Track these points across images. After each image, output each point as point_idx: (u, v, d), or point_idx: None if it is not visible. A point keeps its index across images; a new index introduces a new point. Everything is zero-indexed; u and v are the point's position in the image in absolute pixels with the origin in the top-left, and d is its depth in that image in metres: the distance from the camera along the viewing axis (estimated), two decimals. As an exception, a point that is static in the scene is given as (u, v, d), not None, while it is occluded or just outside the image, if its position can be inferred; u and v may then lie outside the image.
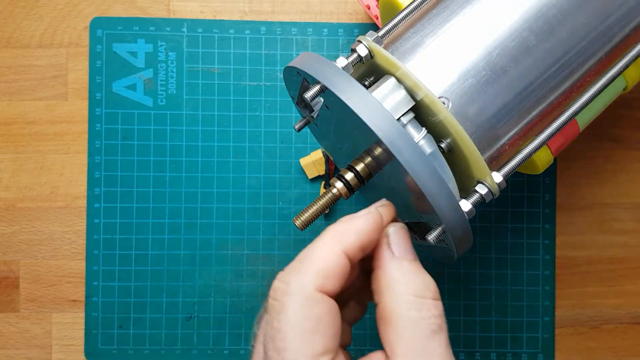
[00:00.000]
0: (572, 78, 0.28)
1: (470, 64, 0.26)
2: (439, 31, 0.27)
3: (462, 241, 0.26)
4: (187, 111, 0.41)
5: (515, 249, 0.41)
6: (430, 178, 0.23)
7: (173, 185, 0.41)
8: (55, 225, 0.41)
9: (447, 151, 0.26)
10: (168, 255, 0.41)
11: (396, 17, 0.29)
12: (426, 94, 0.25)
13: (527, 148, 0.27)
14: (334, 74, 0.25)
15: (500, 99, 0.26)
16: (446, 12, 0.27)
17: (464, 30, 0.27)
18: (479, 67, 0.26)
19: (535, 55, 0.26)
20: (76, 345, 0.41)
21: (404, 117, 0.26)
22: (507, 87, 0.26)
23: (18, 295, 0.41)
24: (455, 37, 0.27)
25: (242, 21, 0.41)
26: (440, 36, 0.27)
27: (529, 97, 0.27)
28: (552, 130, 0.28)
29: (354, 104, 0.24)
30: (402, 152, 0.23)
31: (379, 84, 0.26)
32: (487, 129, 0.26)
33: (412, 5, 0.29)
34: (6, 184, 0.41)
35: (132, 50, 0.41)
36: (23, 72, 0.41)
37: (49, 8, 0.41)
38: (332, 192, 0.28)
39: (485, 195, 0.26)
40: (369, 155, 0.27)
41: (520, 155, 0.27)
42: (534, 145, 0.27)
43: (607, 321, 0.42)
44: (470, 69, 0.26)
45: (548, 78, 0.27)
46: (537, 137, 0.27)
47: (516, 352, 0.41)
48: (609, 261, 0.42)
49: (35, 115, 0.41)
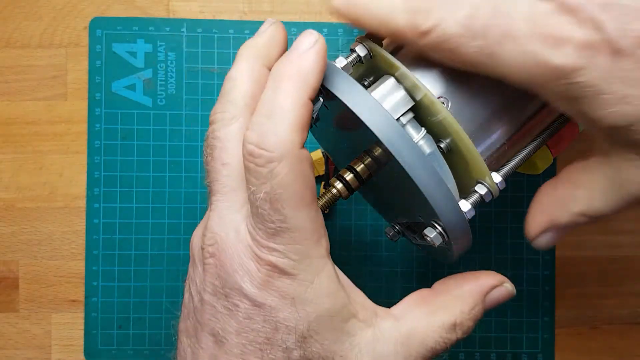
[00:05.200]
0: None
1: None
2: None
3: (461, 241, 0.26)
4: (186, 111, 0.41)
5: (515, 249, 0.41)
6: (429, 178, 0.23)
7: (173, 185, 0.41)
8: (55, 225, 0.41)
9: (446, 151, 0.26)
10: (168, 255, 0.41)
11: None
12: (425, 94, 0.25)
13: (527, 148, 0.27)
14: (333, 74, 0.25)
15: (499, 99, 0.26)
16: None
17: None
18: None
19: None
20: (76, 346, 0.41)
21: (403, 117, 0.26)
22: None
23: (17, 295, 0.41)
24: None
25: (241, 21, 0.41)
26: None
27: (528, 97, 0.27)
28: (552, 131, 0.28)
29: (354, 104, 0.24)
30: (401, 152, 0.23)
31: (378, 84, 0.26)
32: (486, 129, 0.26)
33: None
34: (5, 184, 0.41)
35: (132, 50, 0.41)
36: (22, 72, 0.41)
37: (48, 8, 0.41)
38: (331, 192, 0.28)
39: (485, 195, 0.26)
40: (369, 155, 0.27)
41: (520, 156, 0.27)
42: (533, 145, 0.27)
43: (607, 321, 0.42)
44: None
45: None
46: (537, 138, 0.27)
47: (516, 352, 0.41)
48: (609, 261, 0.42)
49: (34, 115, 0.41)
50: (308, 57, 0.24)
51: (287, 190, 0.23)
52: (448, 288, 0.28)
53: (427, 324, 0.26)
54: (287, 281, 0.24)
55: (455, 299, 0.27)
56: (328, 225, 0.26)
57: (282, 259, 0.24)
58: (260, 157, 0.23)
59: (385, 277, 0.41)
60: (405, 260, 0.41)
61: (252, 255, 0.24)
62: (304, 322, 0.24)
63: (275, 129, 0.23)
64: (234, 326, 0.24)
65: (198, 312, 0.25)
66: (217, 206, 0.26)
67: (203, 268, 0.25)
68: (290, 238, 0.24)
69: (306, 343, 0.24)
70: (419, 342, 0.26)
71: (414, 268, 0.41)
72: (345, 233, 0.41)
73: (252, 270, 0.24)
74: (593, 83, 0.22)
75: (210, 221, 0.26)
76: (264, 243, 0.24)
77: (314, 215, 0.24)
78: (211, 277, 0.25)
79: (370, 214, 0.41)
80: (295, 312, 0.24)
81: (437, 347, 0.26)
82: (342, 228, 0.41)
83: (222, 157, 0.26)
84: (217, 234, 0.25)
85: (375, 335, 0.26)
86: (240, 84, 0.27)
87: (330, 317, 0.24)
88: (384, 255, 0.41)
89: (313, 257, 0.24)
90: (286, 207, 0.23)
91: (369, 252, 0.41)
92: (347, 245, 0.41)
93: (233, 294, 0.24)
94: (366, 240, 0.41)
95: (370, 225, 0.41)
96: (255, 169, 0.23)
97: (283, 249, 0.24)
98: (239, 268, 0.24)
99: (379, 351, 0.25)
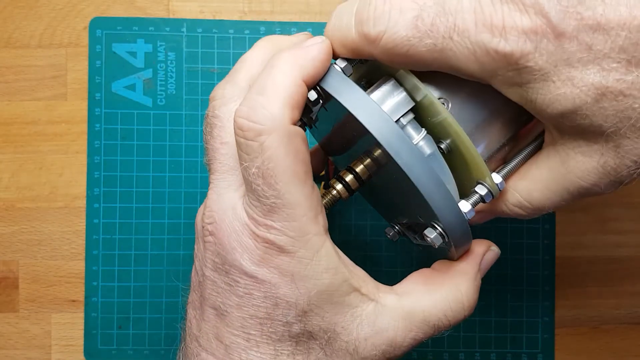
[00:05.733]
0: None
1: None
2: None
3: (461, 242, 0.26)
4: (186, 111, 0.41)
5: (515, 249, 0.41)
6: (428, 180, 0.23)
7: (173, 185, 0.41)
8: (55, 225, 0.41)
9: (446, 152, 0.26)
10: (168, 255, 0.41)
11: None
12: (426, 95, 0.25)
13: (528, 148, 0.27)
14: (332, 77, 0.25)
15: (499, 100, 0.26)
16: None
17: None
18: None
19: None
20: (76, 346, 0.41)
21: (403, 117, 0.26)
22: None
23: (17, 295, 0.41)
24: None
25: (241, 21, 0.41)
26: None
27: None
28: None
29: (353, 107, 0.24)
30: (400, 154, 0.23)
31: (378, 85, 0.26)
32: (486, 130, 0.26)
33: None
34: (5, 184, 0.41)
35: (132, 50, 0.41)
36: (22, 72, 0.41)
37: (48, 8, 0.41)
38: (332, 194, 0.28)
39: (485, 196, 0.26)
40: (368, 156, 0.27)
41: (521, 156, 0.27)
42: (534, 145, 0.27)
43: (607, 321, 0.42)
44: None
45: None
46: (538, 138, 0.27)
47: (516, 352, 0.41)
48: (609, 261, 0.42)
49: (34, 116, 0.41)
50: (310, 49, 0.24)
51: (278, 164, 0.23)
52: (447, 264, 0.28)
53: (430, 301, 0.27)
54: (286, 259, 0.24)
55: (456, 273, 0.28)
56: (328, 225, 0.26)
57: (279, 237, 0.24)
58: (250, 131, 0.23)
59: (386, 277, 0.41)
60: (405, 260, 0.41)
61: (249, 233, 0.24)
62: (304, 298, 0.24)
63: (266, 102, 0.23)
64: (235, 301, 0.25)
65: (202, 286, 0.26)
66: (216, 185, 0.26)
67: (204, 246, 0.26)
68: (287, 215, 0.24)
69: (307, 317, 0.25)
70: (421, 319, 0.26)
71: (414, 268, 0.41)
72: (345, 233, 0.41)
73: (250, 247, 0.24)
74: (540, 67, 0.22)
75: (209, 200, 0.26)
76: (261, 221, 0.24)
77: (309, 192, 0.24)
78: (211, 255, 0.25)
79: (370, 214, 0.41)
80: (295, 289, 0.24)
81: (439, 324, 0.27)
82: (342, 228, 0.41)
83: (221, 136, 0.26)
84: (216, 212, 0.25)
85: (377, 308, 0.26)
86: (249, 65, 0.27)
87: (330, 292, 0.25)
88: (384, 255, 0.41)
89: (311, 234, 0.24)
90: (279, 181, 0.23)
91: (369, 252, 0.41)
92: (347, 245, 0.41)
93: (233, 270, 0.24)
94: (366, 240, 0.41)
95: (370, 225, 0.41)
96: (245, 143, 0.23)
97: (280, 226, 0.24)
98: (237, 245, 0.24)
99: (380, 324, 0.26)
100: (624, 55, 0.21)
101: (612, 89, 0.22)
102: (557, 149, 0.25)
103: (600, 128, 0.23)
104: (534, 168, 0.26)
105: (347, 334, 0.25)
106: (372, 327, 0.25)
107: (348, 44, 0.25)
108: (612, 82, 0.22)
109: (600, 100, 0.22)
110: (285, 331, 0.24)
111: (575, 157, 0.24)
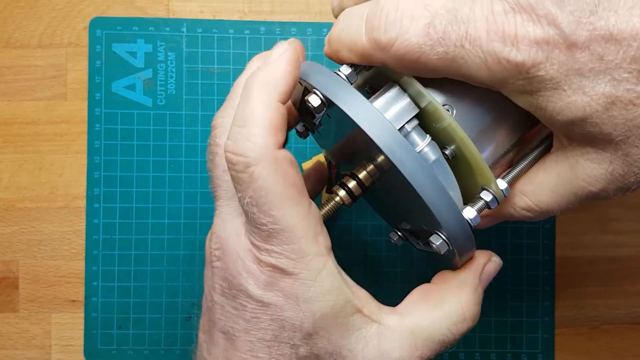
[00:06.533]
0: None
1: None
2: None
3: (464, 249, 0.26)
4: (186, 111, 0.41)
5: (515, 249, 0.41)
6: (431, 188, 0.23)
7: (173, 185, 0.41)
8: (55, 225, 0.41)
9: (451, 158, 0.26)
10: (168, 255, 0.41)
11: None
12: (430, 102, 0.25)
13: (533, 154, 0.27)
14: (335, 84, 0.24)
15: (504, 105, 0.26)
16: None
17: None
18: None
19: None
20: (76, 346, 0.41)
21: (408, 124, 0.26)
22: None
23: (17, 295, 0.41)
24: None
25: (241, 21, 0.41)
26: None
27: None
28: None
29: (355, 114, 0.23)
30: (403, 162, 0.23)
31: (383, 91, 0.26)
32: (490, 136, 0.26)
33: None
34: (5, 184, 0.41)
35: (132, 50, 0.41)
36: (22, 72, 0.41)
37: (48, 8, 0.41)
38: (334, 200, 0.28)
39: (490, 202, 0.26)
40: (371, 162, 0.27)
41: (526, 161, 0.27)
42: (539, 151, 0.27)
43: (607, 321, 0.42)
44: None
45: None
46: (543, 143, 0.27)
47: (516, 352, 0.41)
48: (609, 261, 0.42)
49: (34, 116, 0.41)
50: (276, 64, 0.25)
51: (269, 192, 0.24)
52: (447, 278, 0.28)
53: (433, 318, 0.27)
54: (290, 281, 0.24)
55: (456, 287, 0.27)
56: (328, 225, 0.26)
57: (281, 259, 0.24)
58: (238, 164, 0.24)
59: (386, 277, 0.41)
60: (405, 261, 0.41)
61: (253, 258, 0.25)
62: (309, 320, 0.24)
63: (248, 133, 0.24)
64: (243, 325, 0.25)
65: (210, 311, 0.26)
66: (221, 211, 0.27)
67: (212, 271, 0.26)
68: (286, 238, 0.24)
69: (312, 339, 0.25)
70: (426, 337, 0.26)
71: (414, 268, 0.41)
72: (345, 233, 0.41)
73: (255, 272, 0.25)
74: (551, 76, 0.22)
75: (215, 225, 0.27)
76: (262, 246, 0.24)
77: (305, 213, 0.24)
78: (219, 279, 0.26)
79: (370, 214, 0.41)
80: (300, 311, 0.24)
81: (444, 339, 0.27)
82: (342, 228, 0.41)
83: (223, 164, 0.27)
84: (222, 238, 0.26)
85: (380, 330, 0.26)
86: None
87: (334, 313, 0.25)
88: (384, 256, 0.41)
89: (311, 255, 0.24)
90: (273, 208, 0.24)
91: (369, 252, 0.41)
92: (347, 245, 0.41)
93: (240, 295, 0.25)
94: (366, 240, 0.41)
95: (371, 225, 0.41)
96: (237, 176, 0.24)
97: (280, 249, 0.24)
98: (243, 271, 0.25)
99: (385, 346, 0.26)
100: (635, 66, 0.21)
101: (622, 99, 0.22)
102: (566, 155, 0.25)
103: (610, 136, 0.23)
104: (542, 173, 0.27)
105: (352, 356, 0.25)
106: (378, 350, 0.26)
107: (357, 49, 0.25)
108: (623, 92, 0.22)
109: (610, 109, 0.22)
110: (292, 354, 0.25)
111: (584, 164, 0.25)
